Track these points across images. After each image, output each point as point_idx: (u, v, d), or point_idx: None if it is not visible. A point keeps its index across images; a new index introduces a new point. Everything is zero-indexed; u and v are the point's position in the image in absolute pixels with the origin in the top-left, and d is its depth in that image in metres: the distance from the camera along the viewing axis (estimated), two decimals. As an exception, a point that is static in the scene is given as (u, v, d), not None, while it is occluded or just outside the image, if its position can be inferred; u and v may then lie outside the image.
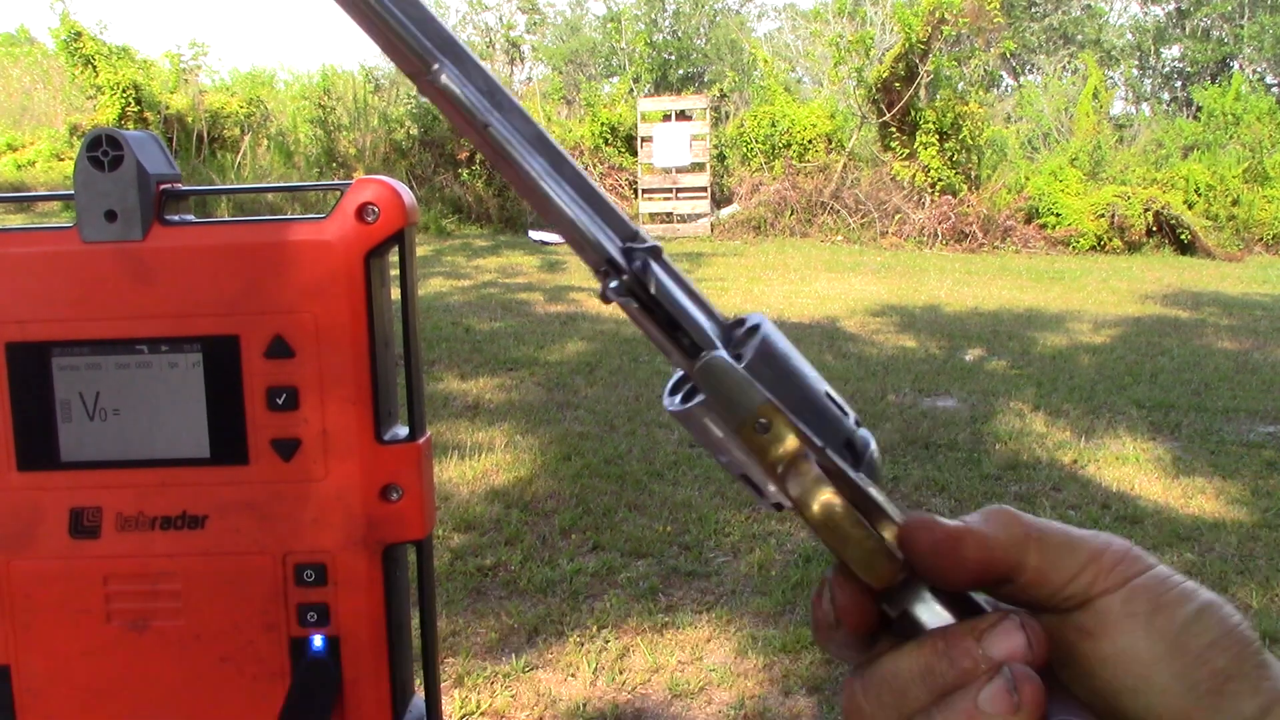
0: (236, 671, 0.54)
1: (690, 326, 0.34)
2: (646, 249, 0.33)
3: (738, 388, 0.33)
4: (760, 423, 0.33)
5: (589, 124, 14.29)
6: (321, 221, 0.53)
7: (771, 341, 0.34)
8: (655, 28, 22.86)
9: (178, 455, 0.53)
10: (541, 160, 0.32)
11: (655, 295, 0.33)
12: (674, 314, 0.34)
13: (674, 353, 0.34)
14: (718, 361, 0.33)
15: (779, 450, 0.33)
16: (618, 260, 0.33)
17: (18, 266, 0.53)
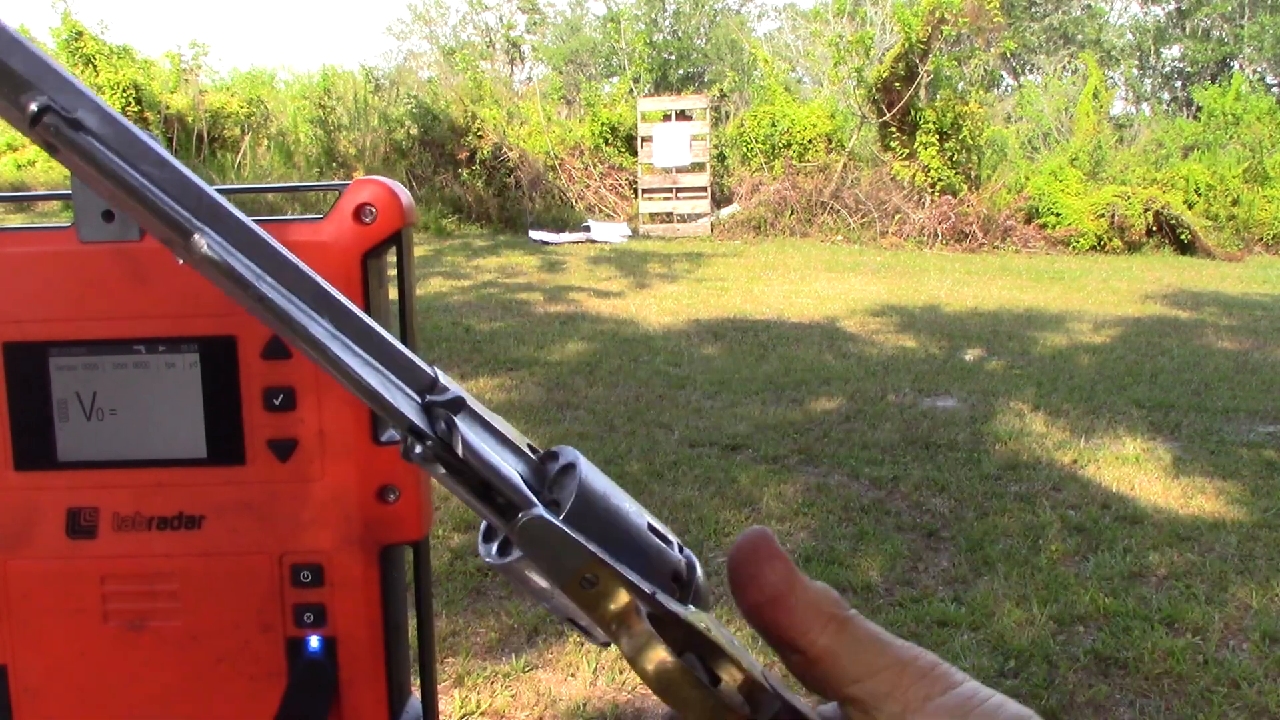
0: (233, 672, 0.54)
1: (503, 486, 0.32)
2: (448, 402, 0.31)
3: (560, 547, 0.31)
4: (585, 578, 0.32)
5: (589, 124, 14.29)
6: (319, 222, 0.53)
7: (588, 483, 0.33)
8: (655, 28, 22.88)
9: (175, 455, 0.53)
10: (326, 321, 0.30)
11: (463, 458, 0.31)
12: (485, 476, 0.32)
13: (487, 514, 0.32)
14: (536, 523, 0.31)
15: (607, 606, 0.32)
16: (419, 427, 0.31)
17: (15, 266, 0.53)
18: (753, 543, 0.33)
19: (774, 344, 6.32)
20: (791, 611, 0.33)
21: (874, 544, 3.21)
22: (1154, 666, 2.51)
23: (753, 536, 0.33)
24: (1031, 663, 2.50)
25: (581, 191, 13.85)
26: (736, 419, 4.56)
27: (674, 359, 5.80)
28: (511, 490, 0.32)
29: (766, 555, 0.33)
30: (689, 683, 0.32)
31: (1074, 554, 3.19)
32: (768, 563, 0.33)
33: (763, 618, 0.33)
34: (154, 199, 0.28)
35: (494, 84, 15.29)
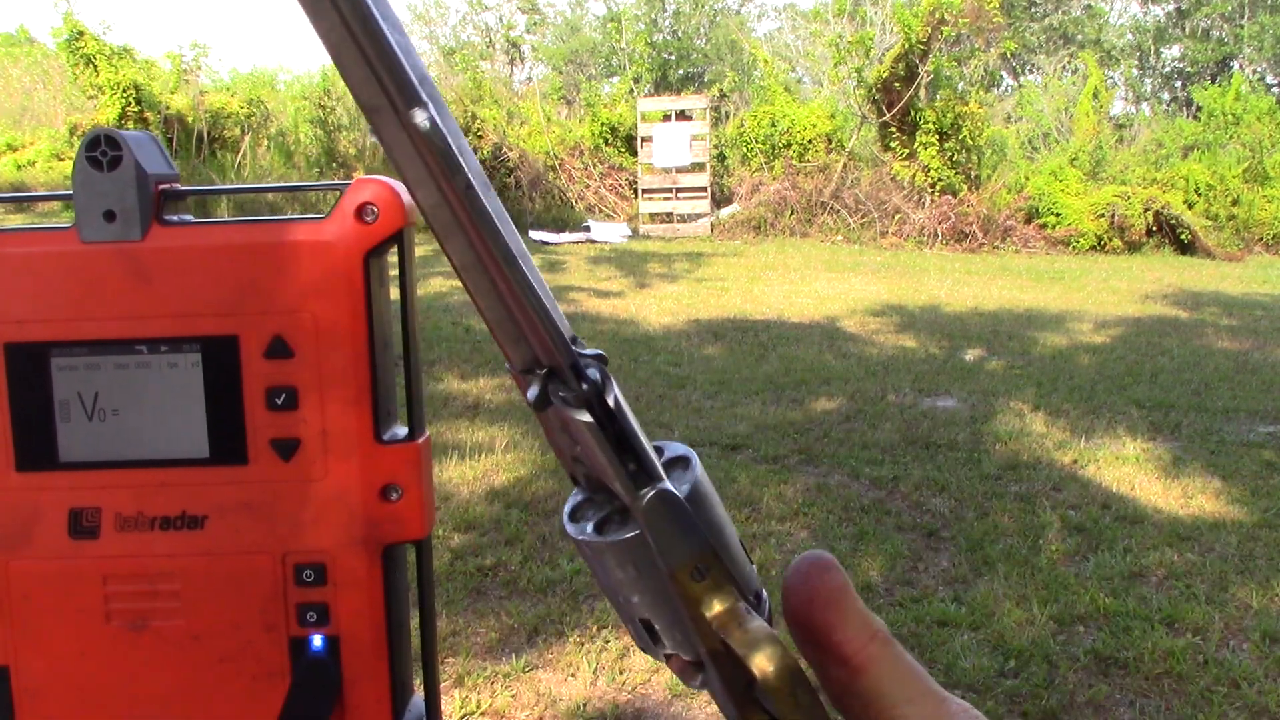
0: (236, 671, 0.54)
1: (641, 451, 0.30)
2: (595, 356, 0.30)
3: (683, 528, 0.30)
4: (698, 568, 0.30)
5: (589, 124, 14.30)
6: (320, 221, 0.53)
7: (703, 480, 0.31)
8: (655, 28, 22.89)
9: (177, 455, 0.54)
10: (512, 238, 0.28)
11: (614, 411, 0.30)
12: (628, 434, 0.30)
13: (618, 478, 0.30)
14: (671, 497, 0.30)
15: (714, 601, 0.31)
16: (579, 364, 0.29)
17: (16, 267, 0.53)
18: (816, 557, 0.33)
19: (774, 344, 6.32)
20: (845, 618, 0.32)
21: (874, 544, 3.21)
22: (1154, 666, 2.51)
23: (815, 554, 0.33)
24: (1031, 663, 2.50)
25: (581, 192, 13.86)
26: (736, 419, 4.56)
27: (674, 359, 5.80)
28: (646, 458, 0.30)
29: (826, 564, 0.33)
30: (806, 687, 0.31)
31: (1074, 554, 3.19)
32: (827, 570, 0.33)
33: (814, 618, 0.32)
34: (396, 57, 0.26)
35: (494, 84, 15.30)
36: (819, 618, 0.32)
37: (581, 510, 0.33)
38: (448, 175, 0.27)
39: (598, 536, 0.31)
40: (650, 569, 0.31)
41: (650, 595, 0.31)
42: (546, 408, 0.30)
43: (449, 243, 0.28)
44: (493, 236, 0.27)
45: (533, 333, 0.29)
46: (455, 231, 0.27)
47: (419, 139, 0.26)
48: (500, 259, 0.28)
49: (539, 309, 0.28)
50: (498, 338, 0.29)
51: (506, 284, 0.28)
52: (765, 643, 0.30)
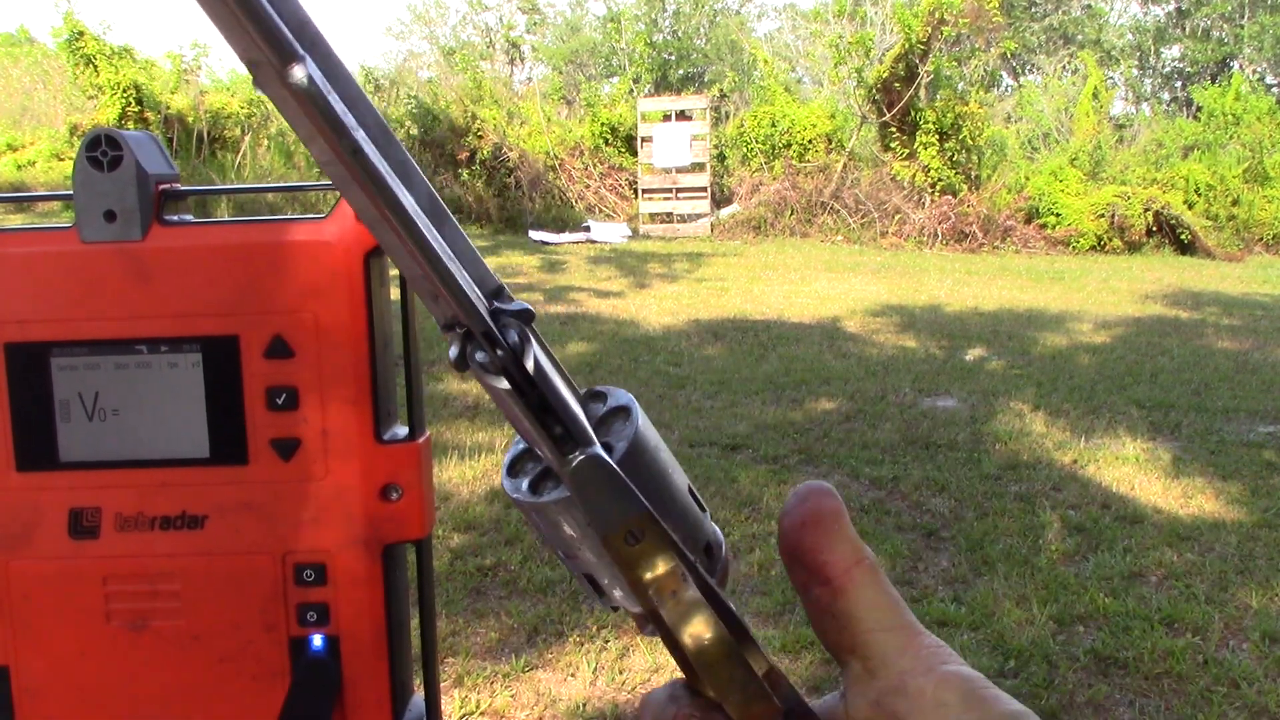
0: (236, 671, 0.54)
1: (566, 415, 0.29)
2: (518, 313, 0.28)
3: (612, 494, 0.29)
4: (631, 533, 0.29)
5: (589, 124, 14.29)
6: (321, 221, 0.53)
7: (643, 433, 0.30)
8: (655, 28, 22.89)
9: (177, 455, 0.53)
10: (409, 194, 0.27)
11: (533, 376, 0.28)
12: (551, 400, 0.29)
13: (543, 444, 0.29)
14: (594, 463, 0.29)
15: (650, 567, 0.30)
16: (492, 330, 0.28)
17: (17, 267, 0.53)
18: (814, 482, 0.33)
19: (774, 344, 6.32)
20: (834, 540, 0.32)
21: (874, 544, 3.21)
22: (1154, 666, 2.51)
23: (813, 481, 0.34)
24: (1031, 663, 2.50)
25: (581, 192, 13.85)
26: (736, 419, 4.56)
27: (674, 359, 5.80)
28: (573, 422, 0.29)
29: (823, 491, 0.33)
30: (735, 661, 0.30)
31: (1074, 554, 3.19)
32: (824, 495, 0.33)
33: (805, 540, 0.32)
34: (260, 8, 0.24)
35: (494, 84, 15.30)
36: (809, 539, 0.32)
37: (521, 463, 0.32)
38: (331, 134, 0.25)
39: (532, 496, 0.31)
40: (585, 529, 0.30)
41: (588, 552, 0.31)
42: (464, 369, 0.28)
43: (348, 197, 0.27)
44: (388, 200, 0.26)
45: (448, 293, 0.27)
46: (352, 186, 0.26)
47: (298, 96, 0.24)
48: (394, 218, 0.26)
49: (443, 273, 0.27)
50: (418, 293, 0.28)
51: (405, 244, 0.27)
52: (695, 614, 0.30)
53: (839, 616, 0.32)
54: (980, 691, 0.31)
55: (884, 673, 0.31)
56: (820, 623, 0.33)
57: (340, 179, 0.26)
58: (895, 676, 0.31)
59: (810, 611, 0.33)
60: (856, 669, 0.32)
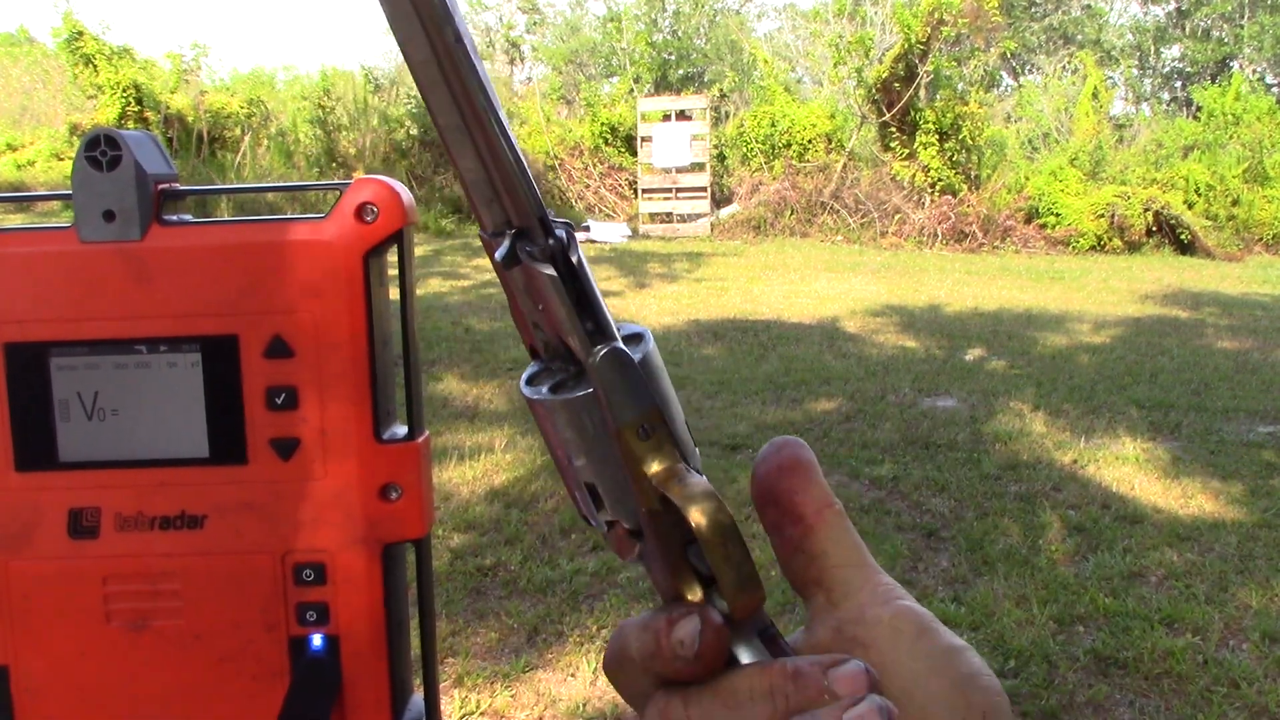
0: (236, 671, 0.54)
1: (598, 310, 0.31)
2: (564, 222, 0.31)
3: (632, 387, 0.31)
4: (644, 427, 0.31)
5: (589, 124, 14.30)
6: (320, 221, 0.53)
7: (654, 354, 0.33)
8: (655, 28, 22.88)
9: (177, 455, 0.53)
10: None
11: (576, 268, 0.31)
12: (589, 291, 0.31)
13: (574, 334, 0.31)
14: (623, 354, 0.31)
15: (657, 460, 0.32)
16: (548, 219, 0.30)
17: (16, 266, 0.53)
18: (787, 436, 0.36)
19: (774, 344, 6.32)
20: (808, 484, 0.35)
21: (874, 544, 3.21)
22: (1154, 666, 2.51)
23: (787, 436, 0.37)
24: (1031, 663, 2.50)
25: (581, 191, 13.86)
26: (736, 419, 4.56)
27: (674, 359, 5.80)
28: (603, 317, 0.31)
29: (797, 442, 0.36)
30: (737, 540, 0.32)
31: (1074, 554, 3.19)
32: (799, 446, 0.36)
33: (780, 483, 0.35)
34: None
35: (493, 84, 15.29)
36: (785, 483, 0.35)
37: (539, 378, 0.34)
38: (438, 26, 0.27)
39: (552, 395, 0.32)
40: (599, 430, 0.32)
41: (596, 457, 0.32)
42: (514, 265, 0.30)
43: (434, 99, 0.28)
44: (480, 90, 0.28)
45: (508, 190, 0.29)
46: (441, 88, 0.28)
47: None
48: (484, 113, 0.28)
49: (517, 164, 0.29)
50: (472, 200, 0.30)
51: (487, 141, 0.29)
52: (703, 496, 0.31)
53: (808, 552, 0.35)
54: (931, 624, 0.34)
55: (845, 604, 0.34)
56: (789, 559, 0.36)
57: (432, 81, 0.28)
58: (855, 607, 0.34)
59: (780, 549, 0.36)
60: (820, 600, 0.35)
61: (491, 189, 0.30)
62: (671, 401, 0.33)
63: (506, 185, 0.29)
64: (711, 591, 0.33)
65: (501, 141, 0.29)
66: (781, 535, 0.35)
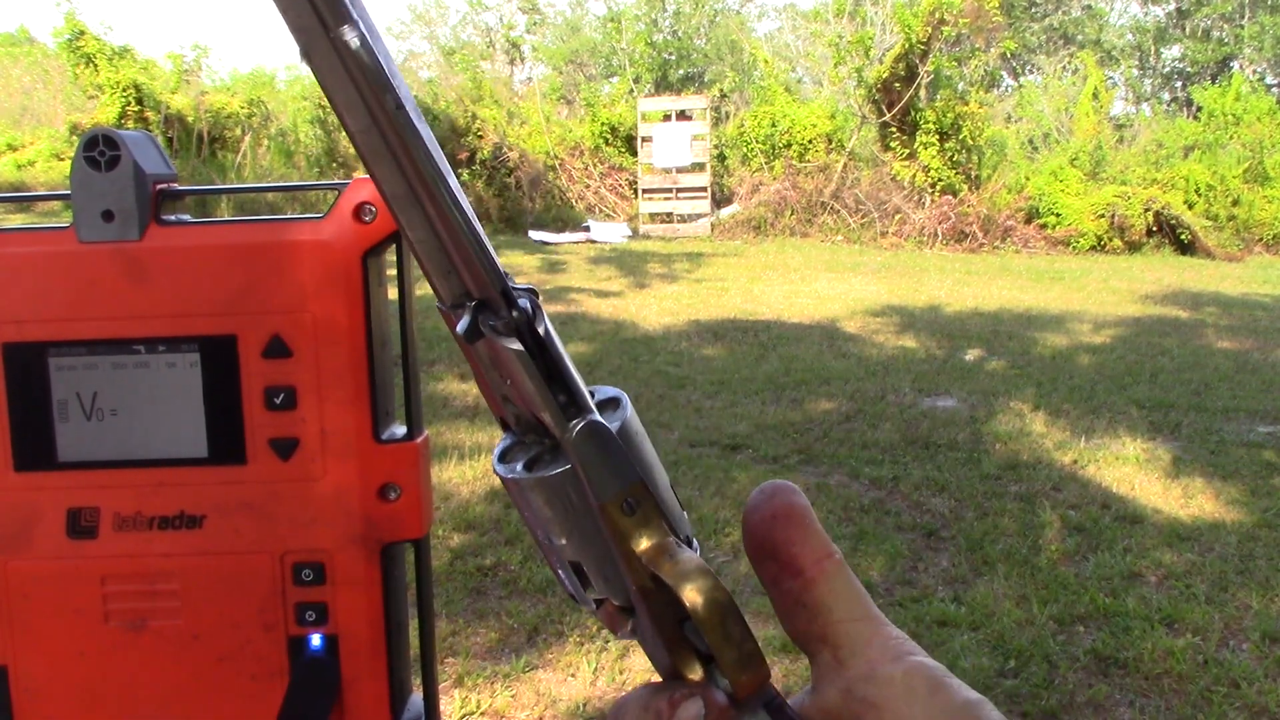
0: (235, 671, 0.54)
1: (571, 383, 0.30)
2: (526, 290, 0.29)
3: (612, 461, 0.30)
4: (628, 502, 0.30)
5: (589, 124, 14.30)
6: (319, 221, 0.53)
7: (633, 419, 0.31)
8: (655, 28, 22.87)
9: (176, 455, 0.53)
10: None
11: (544, 340, 0.29)
12: (559, 363, 0.30)
13: (547, 410, 0.30)
14: (600, 427, 0.29)
15: (645, 536, 0.30)
16: (509, 290, 0.29)
17: (15, 267, 0.53)
18: (779, 481, 0.34)
19: (774, 344, 6.32)
20: (805, 534, 0.33)
21: (874, 544, 3.21)
22: (1154, 666, 2.51)
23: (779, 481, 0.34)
24: (1031, 663, 2.50)
25: (581, 192, 13.86)
26: (736, 419, 4.56)
27: (674, 359, 5.80)
28: (577, 390, 0.30)
29: (790, 489, 0.34)
30: (735, 618, 0.31)
31: (1074, 554, 3.19)
32: (792, 493, 0.34)
33: (776, 534, 0.33)
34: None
35: (494, 84, 15.30)
36: (780, 534, 0.33)
37: (512, 453, 0.32)
38: (378, 94, 0.25)
39: (527, 474, 0.31)
40: (580, 506, 0.30)
41: (580, 535, 0.31)
42: (477, 339, 0.29)
43: (379, 169, 0.27)
44: (425, 159, 0.27)
45: (464, 261, 0.28)
46: (385, 157, 0.26)
47: (349, 57, 0.25)
48: (432, 182, 0.27)
49: (471, 234, 0.28)
50: (428, 272, 0.29)
51: (438, 210, 0.27)
52: (696, 574, 0.30)
53: (810, 607, 0.33)
54: (945, 679, 0.32)
55: (853, 661, 0.33)
56: (790, 614, 0.34)
57: (375, 151, 0.26)
58: (865, 665, 0.32)
59: (779, 604, 0.34)
60: (826, 658, 0.33)
61: (447, 260, 0.28)
62: (655, 468, 0.32)
63: (463, 256, 0.28)
64: (712, 668, 0.32)
65: (454, 211, 0.27)
66: (780, 589, 0.34)
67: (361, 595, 0.54)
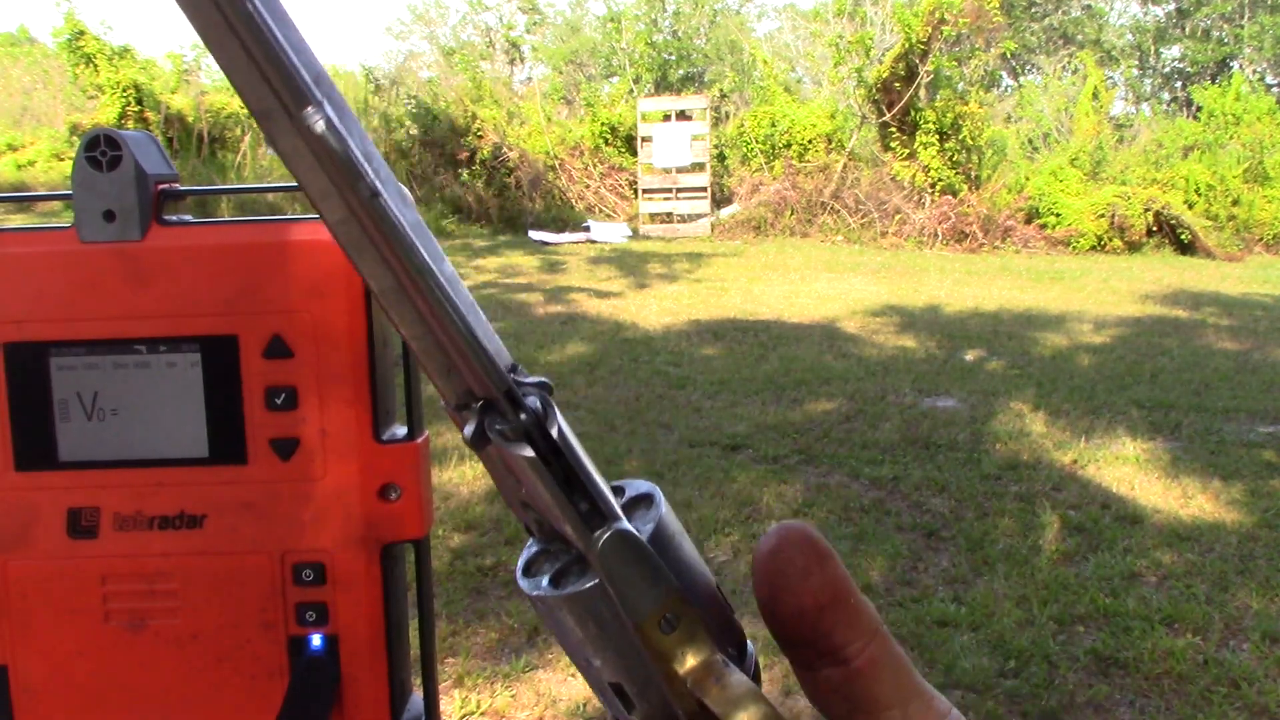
0: (234, 671, 0.54)
1: (592, 487, 0.27)
2: (536, 384, 0.27)
3: (645, 573, 0.27)
4: (666, 618, 0.27)
5: (589, 124, 14.30)
6: (320, 221, 0.53)
7: (668, 519, 0.28)
8: (655, 28, 22.88)
9: (176, 455, 0.53)
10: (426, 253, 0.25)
11: (558, 443, 0.26)
12: (576, 469, 0.27)
13: (567, 521, 0.27)
14: (630, 537, 0.27)
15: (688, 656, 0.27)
16: (515, 392, 0.26)
17: (16, 266, 0.53)
18: (801, 538, 0.28)
19: (774, 344, 6.32)
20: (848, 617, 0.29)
21: (874, 544, 3.21)
22: (1154, 666, 2.51)
23: (798, 531, 0.29)
24: (1031, 663, 2.50)
25: (581, 192, 13.86)
26: (736, 419, 4.56)
27: (674, 359, 5.80)
28: (600, 495, 0.27)
29: (817, 554, 0.28)
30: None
31: (1074, 554, 3.19)
32: (821, 563, 0.28)
33: (811, 625, 0.28)
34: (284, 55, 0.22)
35: (494, 84, 15.30)
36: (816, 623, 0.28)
37: (537, 563, 0.29)
38: (350, 183, 0.23)
39: (553, 590, 0.28)
40: (614, 623, 0.27)
41: (617, 654, 0.28)
42: (485, 445, 0.26)
43: (363, 264, 0.25)
44: (407, 252, 0.24)
45: (463, 361, 0.26)
46: (367, 249, 0.24)
47: (315, 143, 0.23)
48: (418, 278, 0.25)
49: (467, 334, 0.25)
50: (428, 371, 0.26)
51: (429, 305, 0.25)
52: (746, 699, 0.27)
53: (854, 697, 0.29)
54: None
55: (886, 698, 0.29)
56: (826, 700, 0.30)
57: (355, 243, 0.24)
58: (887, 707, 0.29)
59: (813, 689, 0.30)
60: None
61: (447, 358, 0.26)
62: (695, 570, 0.29)
63: (461, 354, 0.25)
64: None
65: (446, 307, 0.25)
66: (815, 674, 0.29)
67: (362, 595, 0.54)
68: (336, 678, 0.54)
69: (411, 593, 0.58)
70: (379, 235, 0.24)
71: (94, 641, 0.54)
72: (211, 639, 0.54)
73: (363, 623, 0.54)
